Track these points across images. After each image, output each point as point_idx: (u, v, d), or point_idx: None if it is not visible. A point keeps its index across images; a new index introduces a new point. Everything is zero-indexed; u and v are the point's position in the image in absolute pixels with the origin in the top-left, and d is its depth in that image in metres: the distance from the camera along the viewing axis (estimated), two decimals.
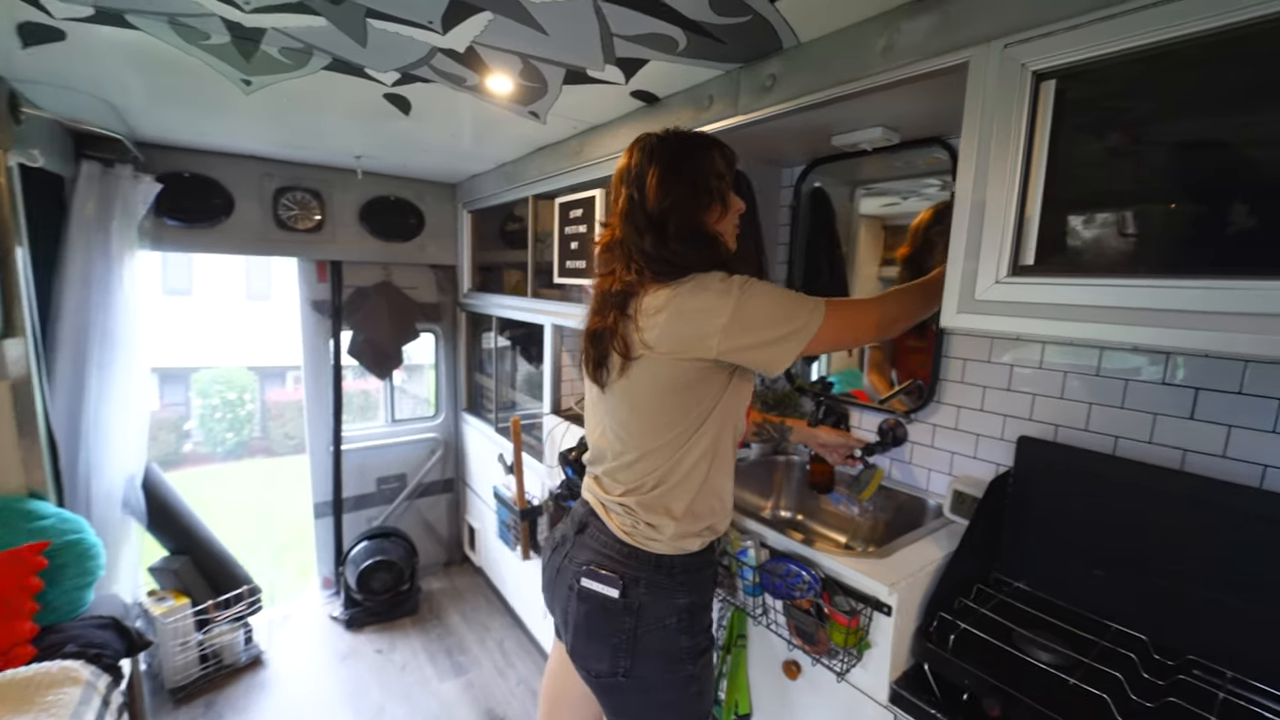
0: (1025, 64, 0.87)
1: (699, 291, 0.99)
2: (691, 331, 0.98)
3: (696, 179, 1.04)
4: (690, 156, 1.05)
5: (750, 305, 0.97)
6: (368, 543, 2.77)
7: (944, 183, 1.68)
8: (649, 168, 1.03)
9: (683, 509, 1.08)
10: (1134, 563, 1.17)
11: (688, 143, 1.06)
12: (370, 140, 2.14)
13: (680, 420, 1.05)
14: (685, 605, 1.11)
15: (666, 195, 1.01)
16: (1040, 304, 0.88)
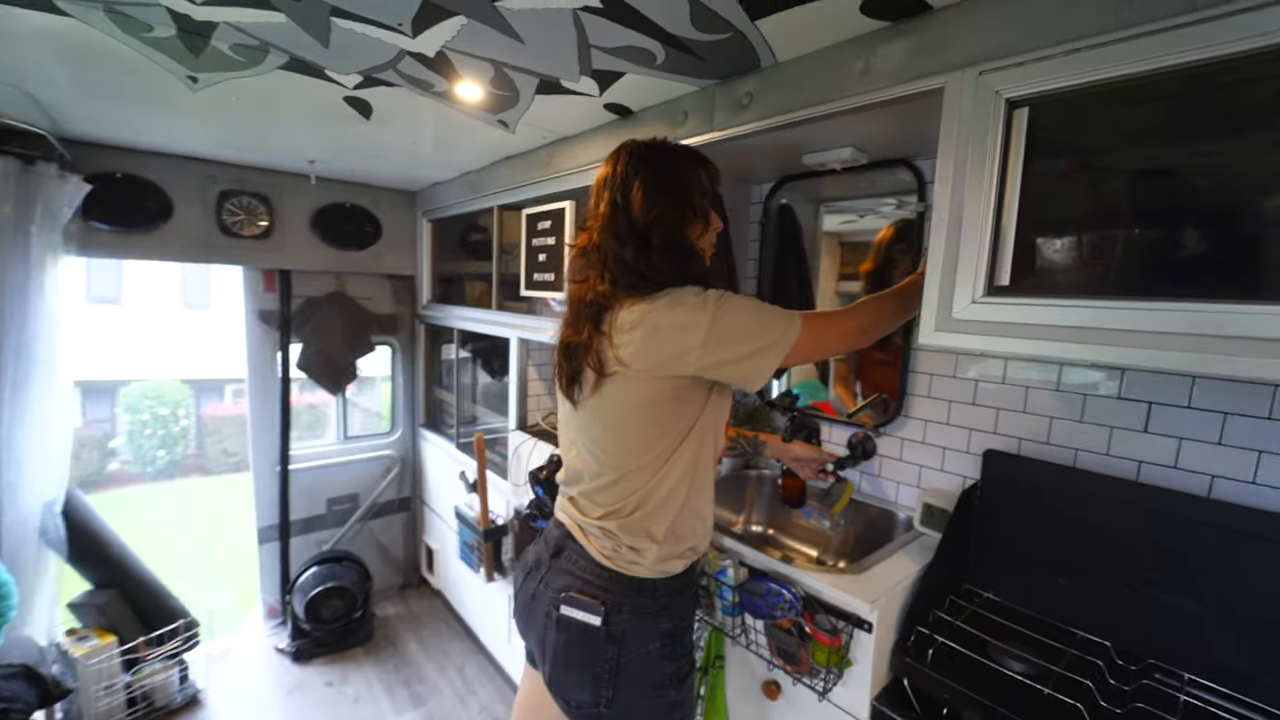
0: (999, 91, 0.89)
1: (674, 306, 0.97)
2: (668, 348, 0.96)
3: (683, 193, 1.03)
4: (678, 169, 1.04)
5: (727, 319, 0.96)
6: (317, 568, 2.61)
7: (900, 201, 1.73)
8: (636, 177, 1.01)
9: (664, 531, 1.05)
10: (1095, 571, 1.21)
11: (675, 155, 1.06)
12: (326, 144, 2.04)
13: (658, 440, 1.03)
14: (669, 630, 1.07)
15: (653, 207, 1.00)
16: (1015, 324, 0.90)
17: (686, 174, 1.04)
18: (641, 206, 1.00)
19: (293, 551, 2.77)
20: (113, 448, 8.38)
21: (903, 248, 1.63)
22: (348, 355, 2.77)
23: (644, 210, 1.00)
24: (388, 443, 3.06)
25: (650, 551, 1.05)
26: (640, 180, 1.01)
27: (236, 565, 4.73)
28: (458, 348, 2.78)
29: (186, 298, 9.87)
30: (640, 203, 1.00)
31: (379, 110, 1.60)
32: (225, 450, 8.71)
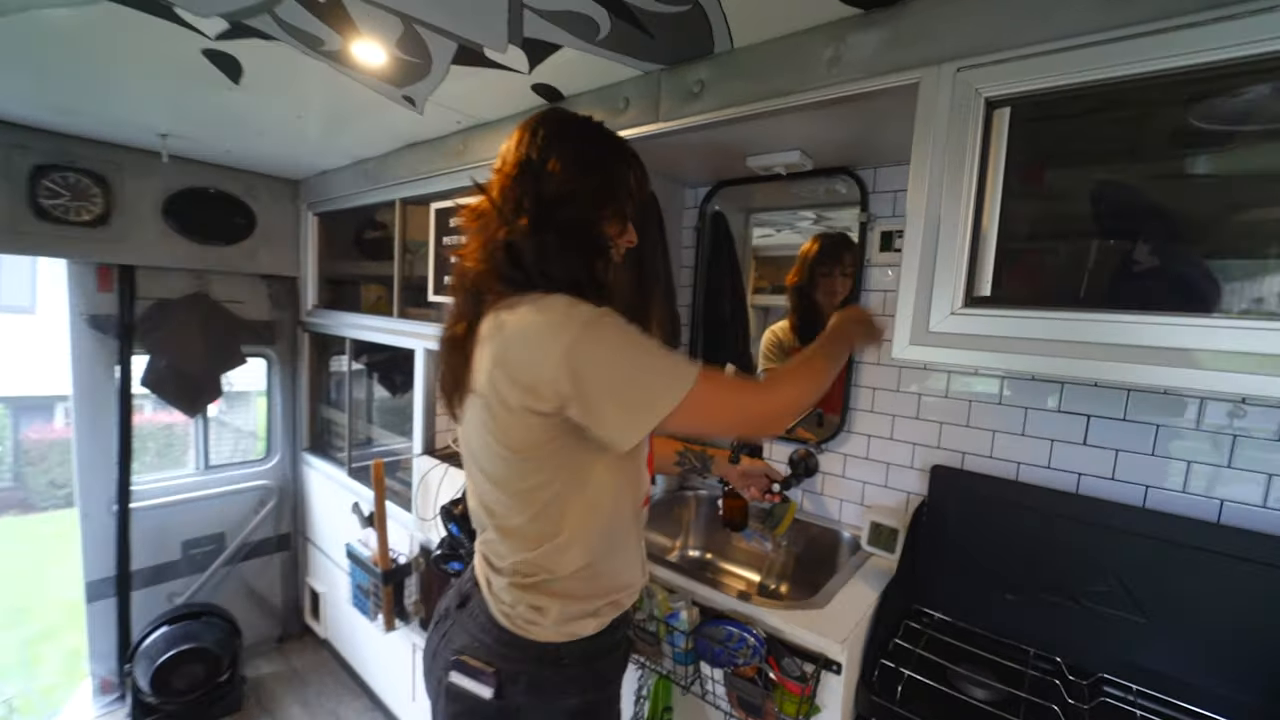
0: (978, 90, 0.84)
1: (533, 317, 0.75)
2: (521, 374, 0.75)
3: (609, 184, 0.86)
4: (609, 158, 0.87)
5: (591, 351, 0.73)
6: (167, 628, 2.15)
7: (819, 216, 1.71)
8: (558, 146, 0.83)
9: (568, 587, 0.86)
10: (1040, 586, 1.20)
11: (610, 143, 0.89)
12: (182, 114, 1.68)
13: (542, 490, 0.82)
14: (577, 707, 0.88)
15: (570, 180, 0.81)
16: (996, 337, 0.84)
17: (618, 167, 0.87)
18: (557, 176, 0.81)
19: (136, 608, 2.26)
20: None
21: (825, 269, 1.60)
22: (209, 369, 2.33)
23: (559, 181, 0.81)
24: (262, 471, 2.63)
25: (552, 609, 0.85)
26: (563, 152, 0.82)
27: (63, 622, 3.90)
28: (350, 360, 2.43)
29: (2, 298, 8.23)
30: (557, 171, 0.81)
31: (252, 72, 1.31)
32: (53, 482, 7.29)
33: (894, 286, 1.42)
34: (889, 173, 1.42)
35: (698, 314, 1.82)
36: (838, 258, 1.56)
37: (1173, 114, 0.78)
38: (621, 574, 0.92)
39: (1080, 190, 0.88)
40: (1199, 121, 0.76)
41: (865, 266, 1.46)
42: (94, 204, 1.98)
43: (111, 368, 2.17)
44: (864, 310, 1.09)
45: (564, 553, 0.84)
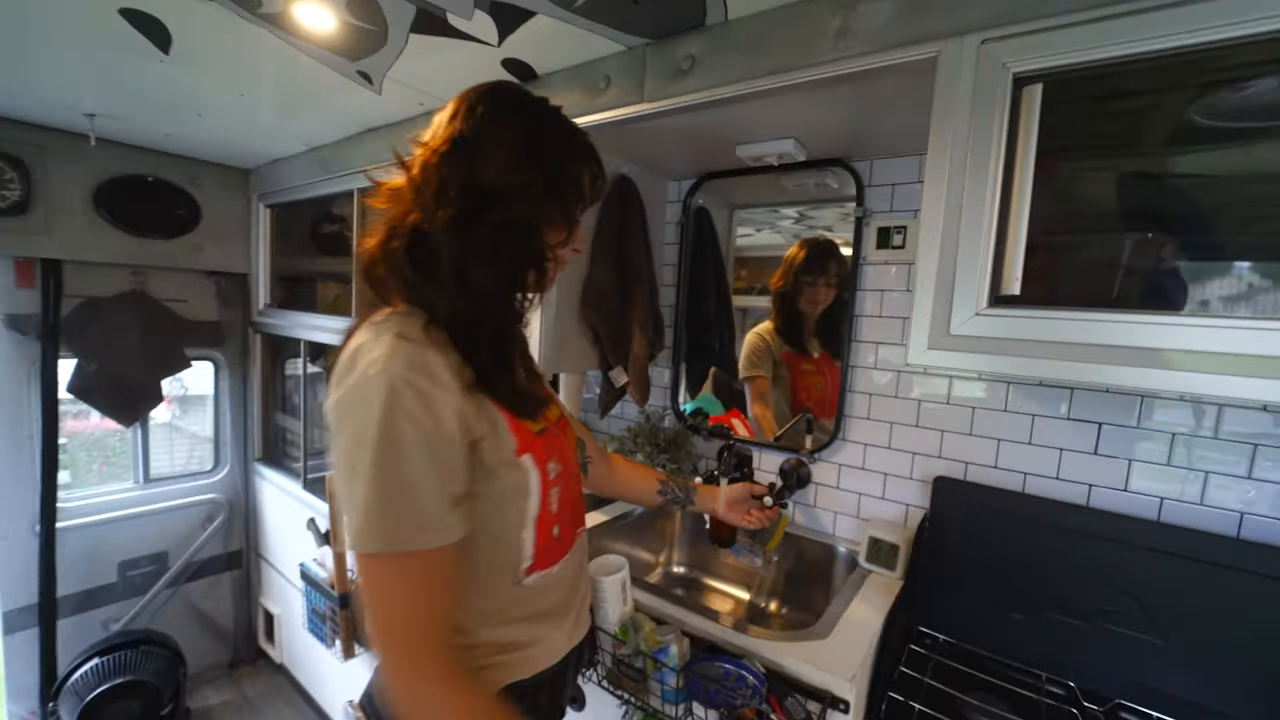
0: (1005, 64, 0.75)
1: (355, 345, 0.62)
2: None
3: (557, 178, 0.71)
4: (563, 146, 0.72)
5: (342, 422, 0.59)
6: (99, 660, 1.95)
7: (801, 215, 1.63)
8: (503, 125, 0.68)
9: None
10: (1049, 604, 1.13)
11: (564, 128, 0.74)
12: (109, 90, 1.50)
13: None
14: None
15: (512, 170, 0.66)
16: (1026, 340, 0.75)
17: (570, 160, 0.73)
18: (499, 160, 0.66)
19: (63, 639, 2.05)
20: None
21: (810, 278, 1.52)
22: (148, 374, 2.13)
23: (498, 170, 0.65)
24: (210, 483, 2.43)
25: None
26: (506, 134, 0.67)
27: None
28: (306, 363, 2.26)
29: None
30: (498, 154, 0.66)
31: (181, 39, 1.16)
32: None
33: (890, 285, 1.34)
34: (886, 165, 1.33)
35: (681, 314, 1.72)
36: (824, 266, 1.48)
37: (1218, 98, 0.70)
38: (502, 633, 0.73)
39: (1106, 180, 0.80)
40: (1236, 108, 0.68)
41: (860, 265, 1.37)
42: (9, 190, 1.78)
43: (33, 372, 1.96)
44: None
45: None
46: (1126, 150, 0.78)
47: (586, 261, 1.43)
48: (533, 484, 0.71)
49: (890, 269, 1.34)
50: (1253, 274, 0.70)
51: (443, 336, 0.64)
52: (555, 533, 0.76)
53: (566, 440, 0.83)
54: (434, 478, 0.60)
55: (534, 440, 0.71)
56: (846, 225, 1.46)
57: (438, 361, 0.61)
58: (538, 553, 0.73)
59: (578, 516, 0.85)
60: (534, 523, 0.72)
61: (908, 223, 1.30)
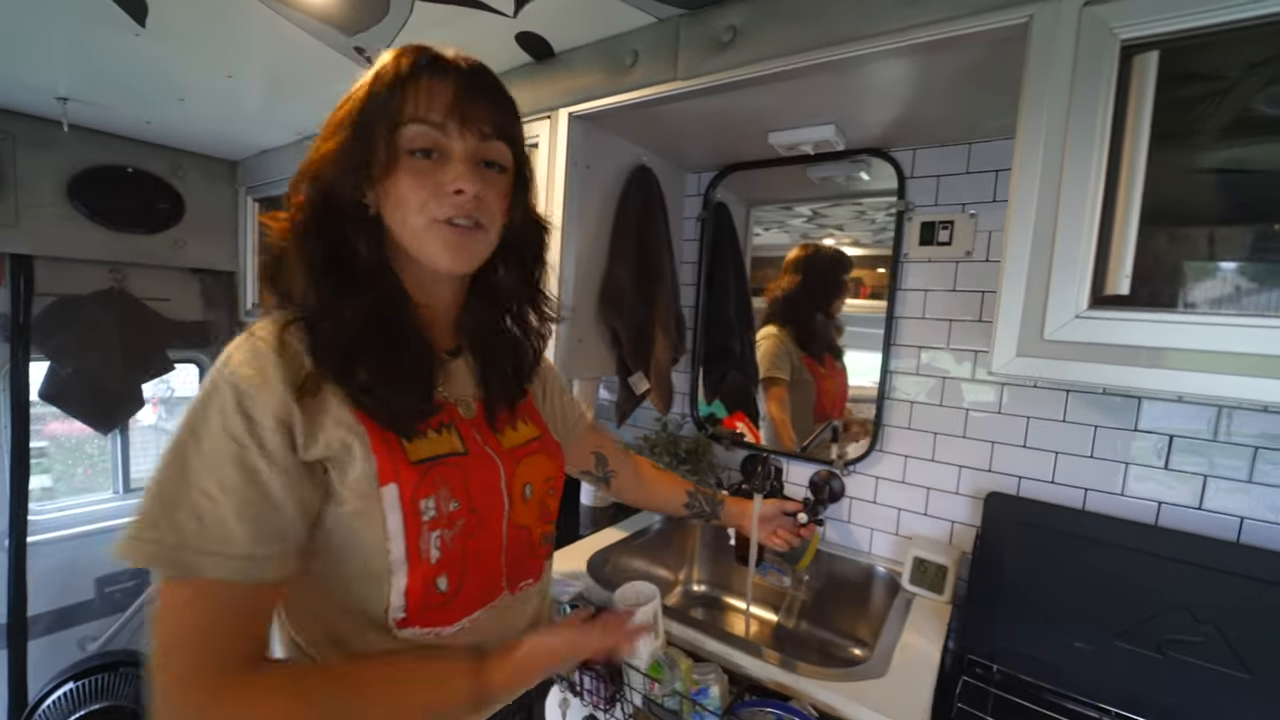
0: (1113, 29, 0.65)
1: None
2: None
3: (351, 118, 0.57)
4: (362, 86, 0.59)
5: (187, 418, 0.51)
6: (74, 684, 1.82)
7: (814, 212, 1.53)
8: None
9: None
10: (1116, 633, 1.03)
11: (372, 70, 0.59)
12: (82, 70, 1.38)
13: None
14: None
15: (323, 140, 0.59)
16: (1138, 347, 0.65)
17: (360, 91, 0.58)
18: (316, 143, 0.60)
19: (35, 661, 1.92)
20: None
21: (805, 290, 1.47)
22: (128, 377, 2.00)
23: (316, 146, 0.59)
24: None
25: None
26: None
27: None
28: None
29: None
30: (318, 139, 0.60)
31: (159, 8, 1.04)
32: None
33: (935, 285, 1.24)
34: (929, 155, 1.23)
35: (700, 315, 1.61)
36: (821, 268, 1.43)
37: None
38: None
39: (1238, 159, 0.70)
40: None
41: (900, 262, 1.27)
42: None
43: (2, 375, 1.83)
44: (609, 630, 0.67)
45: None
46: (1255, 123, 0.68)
47: (605, 258, 1.32)
48: (392, 524, 0.56)
49: (933, 267, 1.24)
50: None
51: (300, 333, 0.56)
52: (442, 586, 0.60)
53: (511, 471, 0.67)
54: (236, 493, 0.49)
55: (406, 469, 0.56)
56: (859, 224, 1.38)
57: (269, 358, 0.53)
58: (410, 607, 0.58)
59: (518, 569, 0.68)
60: (404, 570, 0.57)
61: (955, 217, 1.20)
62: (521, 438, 0.71)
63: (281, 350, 0.53)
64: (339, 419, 0.54)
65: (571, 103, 1.12)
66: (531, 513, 0.69)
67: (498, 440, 0.68)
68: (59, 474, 2.22)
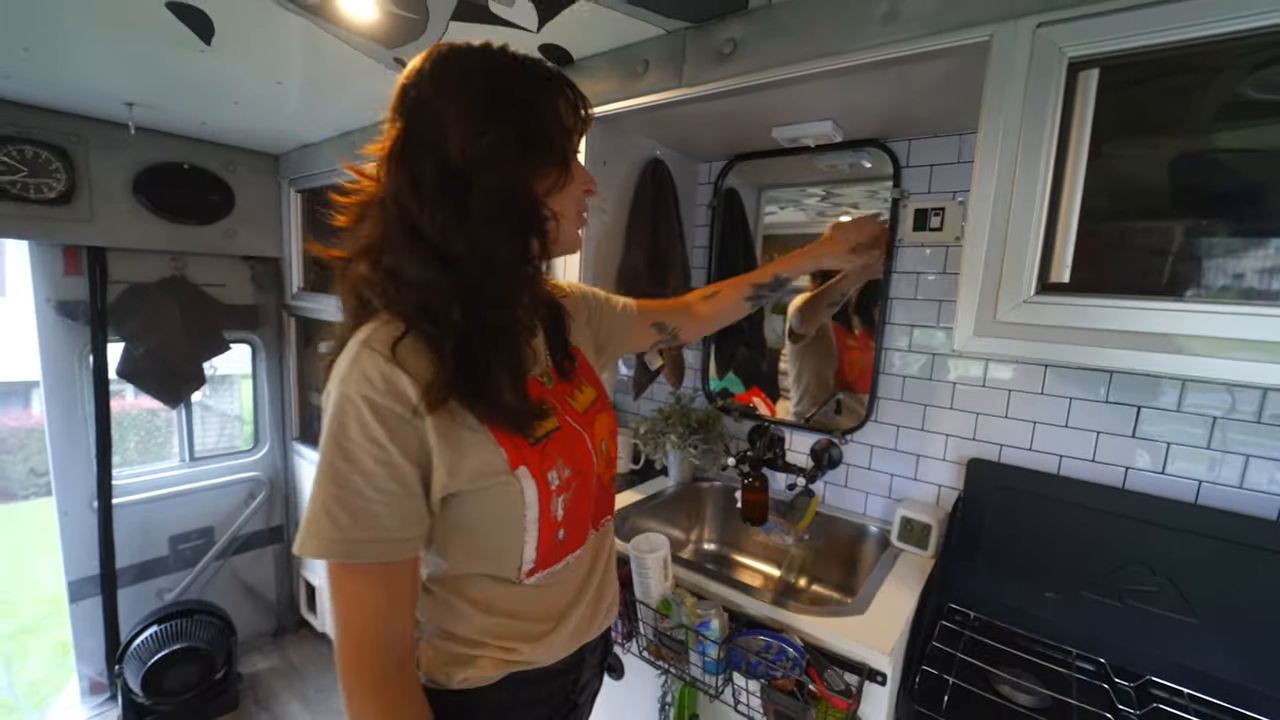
0: (1062, 48, 0.74)
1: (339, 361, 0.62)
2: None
3: (530, 116, 0.63)
4: (522, 87, 0.63)
5: (329, 433, 0.60)
6: (158, 628, 2.06)
7: (827, 192, 1.61)
8: (451, 91, 0.61)
9: (428, 609, 0.74)
10: (1083, 584, 1.15)
11: (517, 67, 0.65)
12: (149, 81, 1.53)
13: None
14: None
15: (480, 137, 0.59)
16: (1076, 328, 0.76)
17: (536, 94, 0.64)
18: (459, 137, 0.59)
19: (124, 607, 2.17)
20: None
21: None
22: (191, 357, 2.20)
23: (465, 142, 0.59)
24: (251, 461, 2.52)
25: (416, 644, 0.72)
26: (455, 100, 0.60)
27: (50, 615, 3.80)
28: None
29: None
30: (455, 132, 0.59)
31: (224, 30, 1.17)
32: (33, 469, 7.08)
33: (926, 268, 1.34)
34: (924, 145, 1.32)
35: None
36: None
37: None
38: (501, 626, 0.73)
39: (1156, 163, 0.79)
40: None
41: (895, 247, 1.37)
42: (55, 180, 1.82)
43: (84, 357, 2.04)
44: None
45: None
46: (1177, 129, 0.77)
47: (621, 246, 1.44)
48: (530, 496, 0.67)
49: (926, 251, 1.33)
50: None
51: (420, 347, 0.61)
52: (560, 536, 0.73)
53: (592, 432, 0.77)
54: (391, 493, 0.60)
55: (528, 452, 0.67)
56: (873, 202, 1.45)
57: (398, 376, 0.59)
58: (540, 557, 0.71)
59: (600, 510, 0.81)
60: (535, 530, 0.69)
61: (945, 204, 1.29)
62: (587, 400, 0.80)
63: (403, 363, 0.59)
64: (468, 423, 0.63)
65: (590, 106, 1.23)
66: (603, 462, 0.80)
67: (572, 407, 0.77)
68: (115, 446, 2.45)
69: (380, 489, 0.59)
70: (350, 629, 0.61)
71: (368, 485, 0.59)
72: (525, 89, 0.63)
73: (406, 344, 0.61)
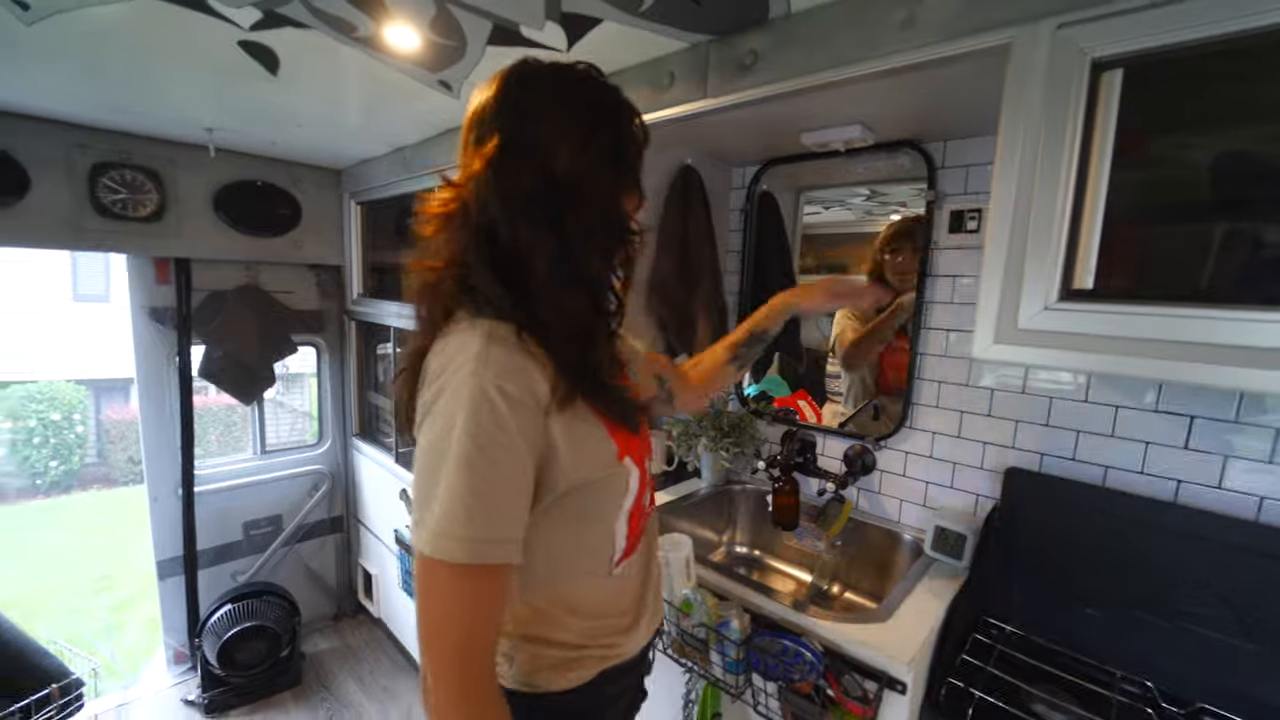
0: (1084, 49, 0.72)
1: (446, 345, 0.63)
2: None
3: (619, 142, 0.66)
4: (608, 108, 0.67)
5: (437, 418, 0.59)
6: (232, 606, 2.25)
7: (874, 191, 1.58)
8: (554, 107, 0.63)
9: (520, 623, 0.73)
10: (1131, 602, 1.10)
11: (604, 88, 0.68)
12: (226, 107, 1.69)
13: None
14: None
15: (584, 153, 0.62)
16: (1101, 336, 0.74)
17: (621, 117, 0.68)
18: (565, 153, 0.61)
19: (202, 586, 2.38)
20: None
21: (892, 249, 1.49)
22: (263, 358, 2.39)
23: (571, 158, 0.62)
24: (315, 455, 2.70)
25: (509, 651, 0.73)
26: (559, 116, 0.62)
27: (143, 590, 4.19)
28: (395, 348, 2.46)
29: (78, 289, 8.78)
30: (562, 145, 0.62)
31: (288, 62, 1.29)
32: (131, 458, 7.81)
33: (964, 271, 1.30)
34: (960, 146, 1.29)
35: (745, 300, 1.74)
36: (901, 242, 1.45)
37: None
38: (581, 623, 0.75)
39: (1197, 162, 0.76)
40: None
41: (931, 249, 1.34)
42: (149, 199, 2.03)
43: (171, 358, 2.25)
44: None
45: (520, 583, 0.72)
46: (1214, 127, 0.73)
47: (652, 252, 1.48)
48: (633, 483, 0.72)
49: (963, 254, 1.30)
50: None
51: (536, 345, 0.61)
52: (641, 523, 0.78)
53: (647, 425, 0.81)
54: (518, 491, 0.59)
55: (632, 441, 0.71)
56: (920, 201, 1.41)
57: (531, 369, 0.60)
58: (629, 544, 0.75)
59: (651, 497, 0.85)
60: (628, 516, 0.73)
61: (982, 206, 1.25)
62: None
63: (534, 360, 0.60)
64: (583, 416, 0.65)
65: None
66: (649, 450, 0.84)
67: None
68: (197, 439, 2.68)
69: (512, 486, 0.59)
70: (451, 633, 0.58)
71: (502, 481, 0.58)
72: (615, 109, 0.67)
73: (525, 339, 0.61)
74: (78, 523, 6.14)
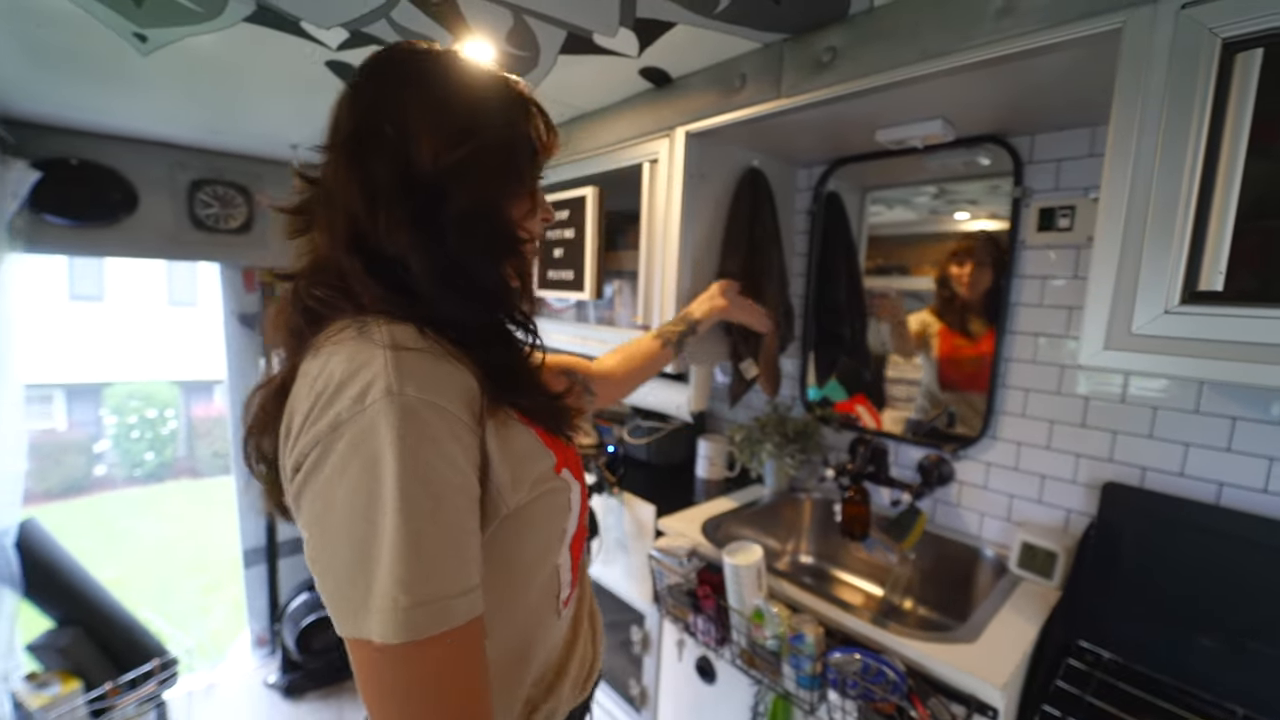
0: (1213, 29, 0.66)
1: (325, 363, 0.48)
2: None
3: (506, 141, 0.57)
4: (494, 103, 0.57)
5: (349, 459, 0.44)
6: (308, 595, 2.38)
7: (940, 189, 1.50)
8: (428, 96, 0.54)
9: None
10: (1249, 632, 1.00)
11: (497, 81, 0.59)
12: (310, 124, 1.78)
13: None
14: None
15: (459, 144, 0.53)
16: (1234, 343, 0.67)
17: (512, 113, 0.58)
18: (438, 141, 0.53)
19: (282, 574, 2.53)
20: (99, 452, 8.08)
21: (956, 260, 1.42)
22: None
23: (444, 147, 0.53)
24: None
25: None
26: (429, 104, 0.54)
27: (227, 575, 4.49)
28: None
29: (172, 294, 9.53)
30: (435, 135, 0.53)
31: None
32: (215, 452, 8.43)
33: (1054, 272, 1.23)
34: (1049, 139, 1.21)
35: (810, 303, 1.69)
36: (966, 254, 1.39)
37: None
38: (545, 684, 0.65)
39: None
40: None
41: (1018, 248, 1.27)
42: (239, 213, 2.18)
43: (257, 360, 2.40)
44: None
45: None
46: None
47: (718, 256, 1.46)
48: (574, 499, 0.61)
49: (1053, 253, 1.22)
50: None
51: (446, 343, 0.52)
52: (581, 550, 0.67)
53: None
54: (471, 530, 0.48)
55: (568, 450, 0.61)
56: (993, 198, 1.34)
57: (455, 372, 0.49)
58: (573, 577, 0.64)
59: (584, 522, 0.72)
60: (569, 543, 0.62)
61: (1076, 202, 1.17)
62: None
63: (448, 357, 0.50)
64: (512, 422, 0.55)
65: (687, 121, 1.27)
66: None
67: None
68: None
69: (464, 522, 0.47)
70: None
71: (455, 518, 0.46)
72: (506, 104, 0.58)
73: (432, 338, 0.51)
74: (170, 511, 6.65)
